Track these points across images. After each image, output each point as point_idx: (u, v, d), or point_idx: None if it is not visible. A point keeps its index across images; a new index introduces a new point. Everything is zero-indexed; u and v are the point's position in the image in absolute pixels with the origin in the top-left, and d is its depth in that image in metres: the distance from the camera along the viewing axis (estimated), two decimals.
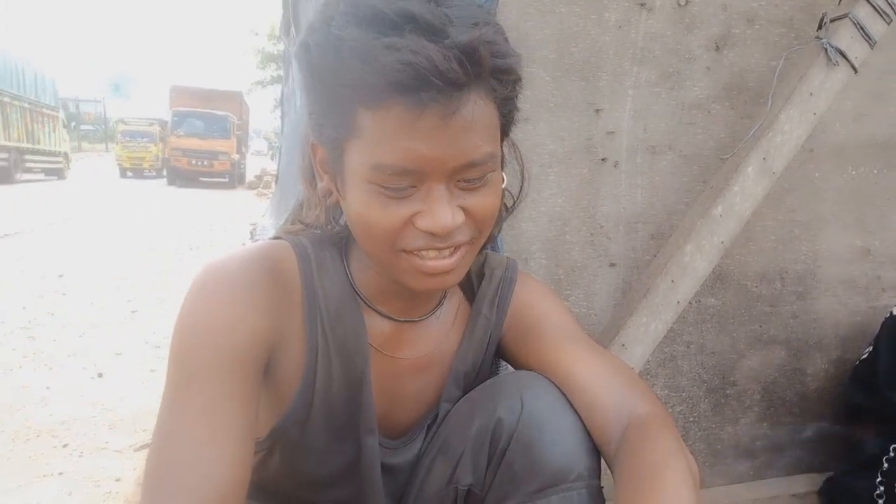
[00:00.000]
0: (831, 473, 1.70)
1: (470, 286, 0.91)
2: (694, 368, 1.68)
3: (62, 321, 4.01)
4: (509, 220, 1.41)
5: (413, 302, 0.83)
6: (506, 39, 0.67)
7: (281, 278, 0.75)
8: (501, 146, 0.75)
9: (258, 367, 0.71)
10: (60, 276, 5.36)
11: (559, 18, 1.43)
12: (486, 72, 0.63)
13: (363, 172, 0.65)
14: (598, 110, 1.50)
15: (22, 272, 5.46)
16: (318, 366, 0.78)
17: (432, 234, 0.66)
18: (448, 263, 0.69)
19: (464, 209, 0.68)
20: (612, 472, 0.72)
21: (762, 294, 1.70)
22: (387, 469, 0.86)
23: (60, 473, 2.11)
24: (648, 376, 1.63)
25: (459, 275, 0.73)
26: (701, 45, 1.54)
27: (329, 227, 0.81)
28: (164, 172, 23.33)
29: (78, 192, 15.23)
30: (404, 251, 0.68)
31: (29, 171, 18.59)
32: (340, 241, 0.82)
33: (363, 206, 0.67)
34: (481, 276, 0.91)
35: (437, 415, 0.87)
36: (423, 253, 0.68)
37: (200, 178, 20.59)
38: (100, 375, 3.07)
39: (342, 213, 0.79)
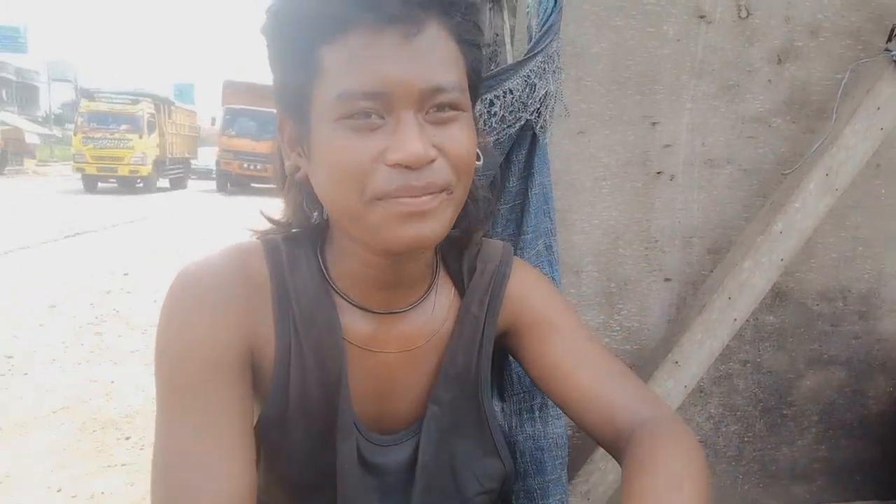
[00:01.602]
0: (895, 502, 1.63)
1: (462, 281, 0.86)
2: (750, 387, 1.64)
3: (126, 318, 4.20)
4: (562, 232, 1.42)
5: (393, 292, 0.78)
6: None
7: (252, 281, 0.73)
8: (473, 105, 0.73)
9: (242, 373, 0.70)
10: (126, 274, 5.61)
11: (616, 31, 1.43)
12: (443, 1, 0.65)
13: (329, 110, 0.63)
14: (654, 123, 1.49)
15: (90, 270, 5.73)
16: (290, 367, 0.75)
17: (405, 168, 0.62)
18: (425, 201, 0.64)
19: (437, 148, 0.64)
20: (619, 462, 0.73)
21: (823, 313, 1.65)
22: (374, 468, 0.81)
23: (123, 464, 2.22)
24: (702, 394, 1.61)
25: (439, 227, 0.66)
26: (762, 57, 1.51)
27: (304, 221, 0.78)
28: (165, 182, 19.74)
29: (137, 199, 15.82)
30: (377, 199, 0.64)
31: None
32: (316, 235, 0.80)
33: (331, 150, 0.64)
34: (473, 270, 0.85)
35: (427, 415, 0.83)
36: (398, 199, 0.64)
37: (252, 184, 18.94)
38: None
39: (315, 208, 0.78)
